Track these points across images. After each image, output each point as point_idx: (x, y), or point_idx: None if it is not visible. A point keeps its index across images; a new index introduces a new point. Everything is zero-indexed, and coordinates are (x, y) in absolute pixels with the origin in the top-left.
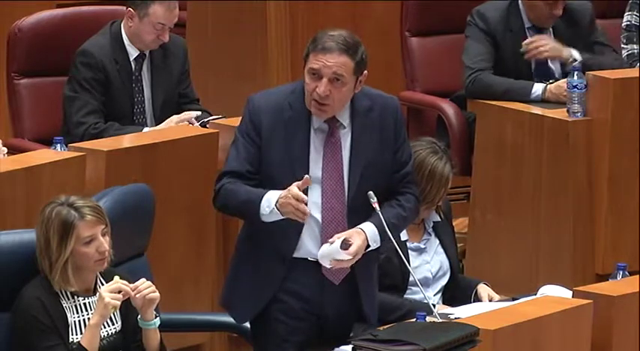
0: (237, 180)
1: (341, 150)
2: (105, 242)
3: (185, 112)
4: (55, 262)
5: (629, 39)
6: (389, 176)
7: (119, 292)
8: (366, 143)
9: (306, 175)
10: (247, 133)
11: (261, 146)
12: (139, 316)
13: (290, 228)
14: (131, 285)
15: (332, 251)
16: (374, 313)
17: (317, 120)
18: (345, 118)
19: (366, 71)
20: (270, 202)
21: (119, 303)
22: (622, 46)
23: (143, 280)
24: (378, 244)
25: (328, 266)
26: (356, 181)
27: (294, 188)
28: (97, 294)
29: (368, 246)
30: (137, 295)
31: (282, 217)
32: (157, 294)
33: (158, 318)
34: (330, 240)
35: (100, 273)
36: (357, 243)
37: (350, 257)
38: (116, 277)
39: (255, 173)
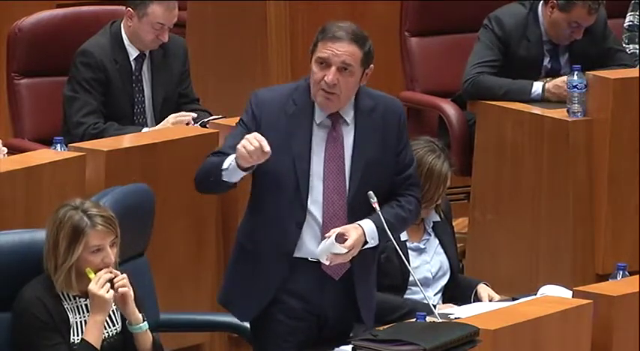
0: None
1: (343, 145)
2: (112, 254)
3: (182, 113)
4: (60, 265)
5: (631, 39)
6: (391, 178)
7: (106, 282)
8: (368, 142)
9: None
10: (245, 123)
11: None
12: (127, 321)
13: (291, 225)
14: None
15: (328, 245)
16: (370, 316)
17: (320, 115)
18: (348, 115)
19: (372, 65)
20: (232, 157)
21: (113, 292)
22: (624, 45)
23: (117, 272)
24: (377, 242)
25: (327, 263)
26: (357, 178)
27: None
28: (89, 294)
29: (366, 242)
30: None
31: (243, 174)
32: (126, 289)
33: (146, 322)
34: (327, 234)
35: None
36: (353, 237)
37: (346, 250)
38: (88, 269)
39: None
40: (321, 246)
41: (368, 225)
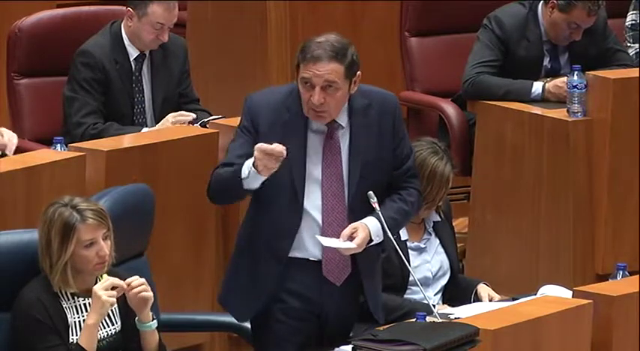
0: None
1: (340, 151)
2: (105, 246)
3: (181, 112)
4: (55, 263)
5: (635, 38)
6: (389, 173)
7: (113, 288)
8: (364, 142)
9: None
10: (247, 129)
11: (257, 142)
12: (137, 318)
13: (286, 227)
14: (124, 281)
15: (333, 242)
16: (379, 312)
17: (314, 122)
18: (343, 119)
19: (359, 72)
20: (249, 164)
21: (115, 300)
22: (628, 45)
23: (136, 277)
24: (382, 238)
25: (329, 245)
26: (355, 180)
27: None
28: (92, 293)
29: (371, 240)
30: (130, 292)
31: (264, 178)
32: (150, 294)
33: (155, 320)
34: (341, 246)
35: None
36: (360, 235)
37: (354, 245)
38: (104, 275)
39: None
40: (326, 241)
41: (373, 223)
